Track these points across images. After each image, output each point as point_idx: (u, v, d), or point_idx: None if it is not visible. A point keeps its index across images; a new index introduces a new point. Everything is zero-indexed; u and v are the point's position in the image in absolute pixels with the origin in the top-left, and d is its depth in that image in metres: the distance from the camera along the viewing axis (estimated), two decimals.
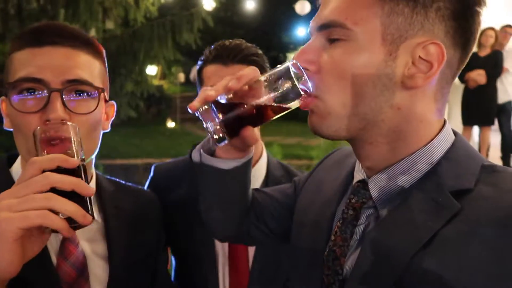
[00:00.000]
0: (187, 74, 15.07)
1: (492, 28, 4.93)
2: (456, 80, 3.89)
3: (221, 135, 0.65)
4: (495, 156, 5.39)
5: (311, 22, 0.63)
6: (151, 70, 5.70)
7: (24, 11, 4.43)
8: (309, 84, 0.63)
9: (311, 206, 0.79)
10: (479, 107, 4.88)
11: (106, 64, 0.90)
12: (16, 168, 0.84)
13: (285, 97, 0.64)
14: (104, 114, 0.87)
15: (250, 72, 0.66)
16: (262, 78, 0.65)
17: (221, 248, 1.22)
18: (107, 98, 0.88)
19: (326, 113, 0.62)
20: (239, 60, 1.11)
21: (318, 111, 0.63)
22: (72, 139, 0.65)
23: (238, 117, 0.64)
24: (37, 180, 0.57)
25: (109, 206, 0.91)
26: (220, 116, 0.64)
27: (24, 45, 0.76)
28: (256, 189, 0.92)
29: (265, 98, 0.64)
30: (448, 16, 0.57)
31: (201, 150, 0.78)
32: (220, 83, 0.66)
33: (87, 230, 0.84)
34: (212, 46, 1.18)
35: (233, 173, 0.77)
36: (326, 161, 0.88)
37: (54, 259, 0.78)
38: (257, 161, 1.24)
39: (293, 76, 0.62)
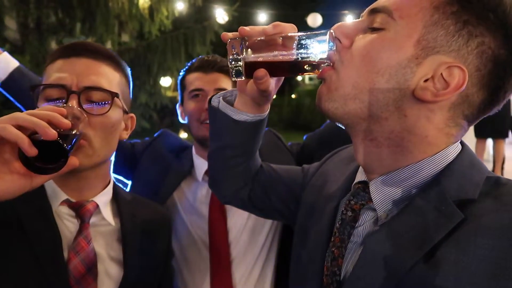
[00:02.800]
0: None
1: None
2: None
3: (240, 69, 0.66)
4: (510, 169, 5.29)
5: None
6: (165, 81, 5.78)
7: (43, 25, 4.57)
8: (334, 55, 0.64)
9: (316, 201, 0.80)
10: (492, 119, 4.75)
11: (130, 80, 0.95)
12: None
13: (311, 59, 0.64)
14: (123, 123, 0.90)
15: (288, 25, 0.67)
16: (296, 35, 0.65)
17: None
18: (127, 109, 0.91)
19: (335, 87, 0.63)
20: (217, 69, 1.30)
21: (330, 82, 0.63)
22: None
23: (259, 59, 0.65)
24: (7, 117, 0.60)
25: (126, 212, 0.93)
26: (245, 52, 0.65)
27: (55, 58, 0.84)
28: (264, 163, 0.94)
29: (293, 53, 0.64)
30: (487, 56, 0.56)
31: (221, 98, 0.81)
32: (258, 26, 0.67)
33: (104, 233, 0.88)
34: (193, 60, 1.37)
35: (242, 126, 0.78)
36: (334, 157, 0.88)
37: (66, 252, 0.80)
38: None
39: (327, 41, 0.63)
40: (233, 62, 0.66)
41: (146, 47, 4.85)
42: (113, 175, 1.41)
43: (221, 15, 5.22)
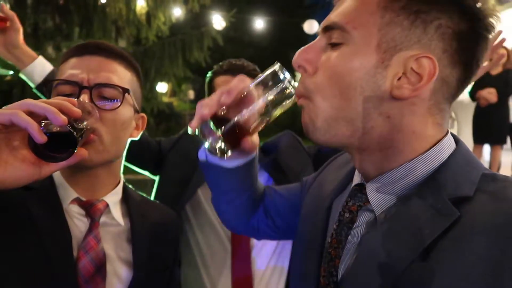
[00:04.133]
0: (196, 91, 15.21)
1: (504, 47, 4.92)
2: (467, 98, 3.81)
3: (222, 149, 0.66)
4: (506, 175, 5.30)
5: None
6: (162, 87, 5.78)
7: (40, 30, 4.56)
8: (301, 86, 0.64)
9: (312, 205, 0.80)
10: (490, 125, 4.83)
11: (142, 80, 0.96)
12: None
13: (277, 99, 0.65)
14: (134, 122, 0.91)
15: (238, 83, 0.67)
16: (252, 85, 0.66)
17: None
18: (138, 109, 0.92)
19: (314, 114, 0.62)
20: (245, 73, 1.32)
21: (309, 111, 0.63)
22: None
23: (235, 129, 0.65)
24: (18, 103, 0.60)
25: (136, 213, 0.92)
26: (219, 131, 0.65)
27: (69, 57, 0.86)
28: (267, 186, 0.96)
29: (259, 104, 0.65)
30: (449, 35, 0.56)
31: (207, 150, 0.82)
32: (211, 98, 0.66)
33: (114, 233, 0.87)
34: (220, 63, 1.42)
35: (237, 171, 0.79)
36: (333, 163, 0.88)
37: (75, 251, 0.80)
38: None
39: (281, 77, 0.64)
40: (213, 145, 0.65)
41: (143, 53, 4.86)
42: (138, 170, 1.44)
43: (218, 21, 5.24)
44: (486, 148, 5.31)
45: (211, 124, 0.65)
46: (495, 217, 0.51)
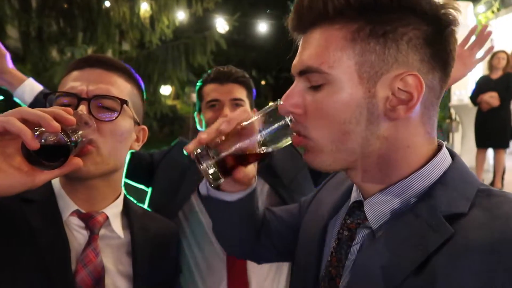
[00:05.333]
0: None
1: (504, 51, 4.89)
2: (469, 102, 3.79)
3: (215, 176, 0.66)
4: (511, 179, 5.27)
5: (292, 66, 0.64)
6: (165, 90, 5.80)
7: (45, 34, 4.60)
8: (296, 126, 0.64)
9: (309, 226, 0.80)
10: (493, 129, 4.79)
11: (143, 93, 0.97)
12: (56, 181, 0.87)
13: (276, 136, 0.66)
14: (134, 134, 0.90)
15: (240, 114, 0.68)
16: (253, 118, 0.67)
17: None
18: (139, 121, 0.92)
19: (317, 150, 0.62)
20: (232, 80, 1.35)
21: (311, 149, 0.64)
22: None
23: (229, 158, 0.66)
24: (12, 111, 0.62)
25: (136, 226, 0.91)
26: (214, 157, 0.66)
27: (71, 70, 0.87)
28: (267, 208, 0.96)
29: (257, 138, 0.65)
30: (421, 45, 0.57)
31: (207, 184, 0.81)
32: (212, 126, 0.67)
33: (113, 246, 0.87)
34: (209, 71, 1.44)
35: (238, 204, 0.80)
36: (330, 182, 0.88)
37: (74, 264, 0.79)
38: None
39: (283, 115, 0.64)
40: (207, 171, 0.66)
41: (146, 56, 4.88)
42: (133, 184, 1.45)
43: (221, 25, 5.26)
44: (490, 152, 5.28)
45: (207, 150, 0.66)
46: (489, 234, 0.51)
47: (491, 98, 4.74)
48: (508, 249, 0.49)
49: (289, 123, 0.65)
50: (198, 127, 1.43)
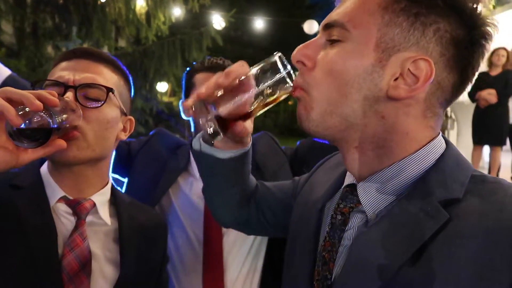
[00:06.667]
0: None
1: (504, 48, 4.91)
2: (467, 99, 3.80)
3: (214, 130, 0.66)
4: (505, 177, 5.31)
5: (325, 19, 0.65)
6: (161, 87, 5.77)
7: (40, 29, 4.56)
8: (299, 79, 0.65)
9: (304, 208, 0.80)
10: (490, 126, 4.82)
11: (131, 85, 0.99)
12: (44, 168, 0.90)
13: (274, 89, 0.66)
14: (120, 123, 0.93)
15: (238, 67, 0.68)
16: (251, 72, 0.66)
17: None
18: (126, 111, 0.95)
19: (310, 107, 0.63)
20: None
21: (305, 103, 0.64)
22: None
23: (229, 112, 0.66)
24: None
25: (124, 213, 0.93)
26: (212, 112, 0.66)
27: (59, 61, 0.90)
28: (259, 182, 0.97)
29: (255, 91, 0.66)
30: (447, 40, 0.57)
31: (201, 139, 0.81)
32: (210, 80, 0.68)
33: (100, 233, 0.88)
34: (200, 60, 1.42)
35: (230, 163, 0.81)
36: (324, 164, 0.88)
37: (60, 249, 0.81)
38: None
39: (280, 68, 0.65)
40: (205, 126, 0.66)
41: (142, 52, 4.85)
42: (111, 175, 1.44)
43: (218, 21, 5.23)
44: (486, 149, 5.31)
45: (205, 104, 0.66)
46: (484, 220, 0.51)
47: (489, 95, 4.76)
48: (504, 235, 0.49)
49: (287, 78, 0.65)
50: (183, 116, 1.40)
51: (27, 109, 0.64)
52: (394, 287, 0.53)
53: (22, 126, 0.63)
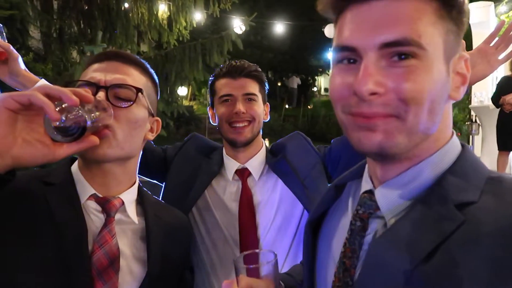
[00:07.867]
0: None
1: None
2: (490, 104, 3.70)
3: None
4: None
5: (363, 38, 0.56)
6: (182, 91, 5.84)
7: (65, 34, 4.70)
8: (375, 107, 0.55)
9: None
10: None
11: (158, 87, 1.03)
12: (74, 166, 0.93)
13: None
14: (148, 124, 0.96)
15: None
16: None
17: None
18: (153, 112, 0.98)
19: (398, 131, 0.56)
20: (244, 74, 1.35)
21: (391, 129, 0.57)
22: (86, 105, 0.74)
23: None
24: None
25: (150, 213, 0.96)
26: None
27: (91, 63, 0.94)
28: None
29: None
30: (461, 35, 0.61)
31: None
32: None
33: (128, 231, 0.91)
34: (221, 65, 1.42)
35: None
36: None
37: (90, 245, 0.83)
38: (258, 151, 1.43)
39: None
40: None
41: (164, 57, 4.92)
42: (146, 179, 1.47)
43: (238, 25, 5.27)
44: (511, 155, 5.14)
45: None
46: (500, 220, 0.51)
47: None
48: None
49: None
50: (211, 122, 1.43)
51: (64, 105, 0.67)
52: (410, 287, 0.53)
53: (60, 121, 0.67)
